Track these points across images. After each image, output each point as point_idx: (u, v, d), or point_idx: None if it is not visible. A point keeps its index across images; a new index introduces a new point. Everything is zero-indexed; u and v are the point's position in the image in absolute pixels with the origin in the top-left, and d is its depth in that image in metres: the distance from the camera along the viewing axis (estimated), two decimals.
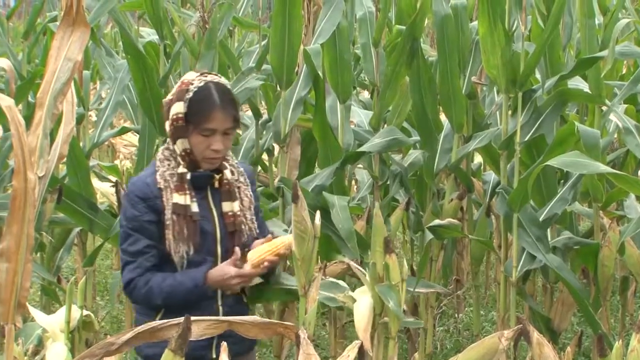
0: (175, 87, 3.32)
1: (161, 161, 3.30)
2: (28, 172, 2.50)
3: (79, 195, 5.00)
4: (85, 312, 3.51)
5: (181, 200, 3.23)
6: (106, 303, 6.94)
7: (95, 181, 5.94)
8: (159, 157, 3.31)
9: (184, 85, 3.26)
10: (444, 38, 4.93)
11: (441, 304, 6.01)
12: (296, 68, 4.78)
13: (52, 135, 2.82)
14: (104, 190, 6.09)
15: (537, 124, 4.59)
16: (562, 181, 4.90)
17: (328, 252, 4.45)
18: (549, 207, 4.69)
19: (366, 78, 5.90)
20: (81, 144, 5.53)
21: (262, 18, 5.61)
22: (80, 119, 5.72)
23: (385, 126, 5.10)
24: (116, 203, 5.39)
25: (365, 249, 4.35)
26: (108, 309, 6.60)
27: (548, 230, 4.75)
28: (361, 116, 5.56)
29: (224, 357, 2.48)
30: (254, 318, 2.83)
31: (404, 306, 3.35)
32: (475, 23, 5.10)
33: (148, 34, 5.94)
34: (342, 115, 4.98)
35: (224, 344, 2.52)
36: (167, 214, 3.23)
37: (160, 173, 3.27)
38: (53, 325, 3.27)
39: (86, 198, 5.04)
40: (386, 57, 5.12)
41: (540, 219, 4.59)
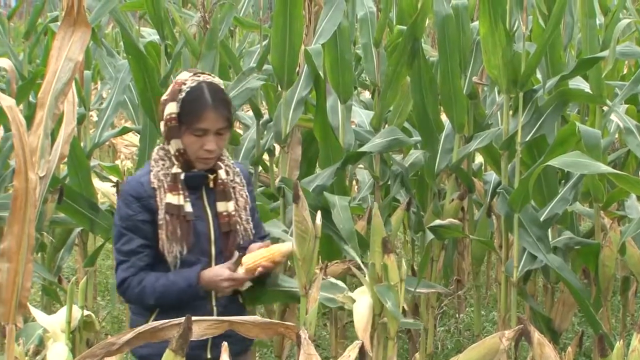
0: (169, 87, 3.32)
1: (156, 161, 3.30)
2: (29, 172, 2.50)
3: (80, 195, 4.99)
4: (86, 312, 3.51)
5: (174, 200, 3.23)
6: (107, 303, 6.93)
7: (96, 181, 5.95)
8: (154, 157, 3.31)
9: (177, 85, 3.26)
10: (445, 38, 4.93)
11: (442, 304, 6.01)
12: (297, 68, 4.77)
13: (53, 135, 2.83)
14: (105, 190, 6.10)
15: (538, 124, 4.58)
16: (563, 181, 4.90)
17: (329, 253, 4.45)
18: (550, 207, 4.69)
19: (367, 78, 5.90)
20: (82, 144, 5.53)
21: (263, 18, 5.61)
22: (81, 119, 5.71)
23: (386, 126, 5.09)
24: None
25: (366, 249, 4.35)
26: (109, 309, 6.60)
27: (549, 230, 4.74)
28: (362, 116, 5.56)
29: (225, 357, 2.48)
30: (255, 318, 2.83)
31: (405, 306, 3.35)
32: (476, 23, 5.10)
33: (149, 34, 5.94)
34: (343, 115, 4.97)
35: (225, 344, 2.51)
36: (161, 214, 3.22)
37: (154, 173, 3.27)
38: (54, 325, 3.26)
39: (87, 198, 5.03)
40: (387, 57, 5.12)
41: (541, 219, 4.59)
